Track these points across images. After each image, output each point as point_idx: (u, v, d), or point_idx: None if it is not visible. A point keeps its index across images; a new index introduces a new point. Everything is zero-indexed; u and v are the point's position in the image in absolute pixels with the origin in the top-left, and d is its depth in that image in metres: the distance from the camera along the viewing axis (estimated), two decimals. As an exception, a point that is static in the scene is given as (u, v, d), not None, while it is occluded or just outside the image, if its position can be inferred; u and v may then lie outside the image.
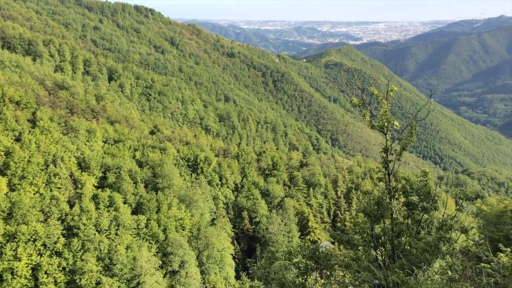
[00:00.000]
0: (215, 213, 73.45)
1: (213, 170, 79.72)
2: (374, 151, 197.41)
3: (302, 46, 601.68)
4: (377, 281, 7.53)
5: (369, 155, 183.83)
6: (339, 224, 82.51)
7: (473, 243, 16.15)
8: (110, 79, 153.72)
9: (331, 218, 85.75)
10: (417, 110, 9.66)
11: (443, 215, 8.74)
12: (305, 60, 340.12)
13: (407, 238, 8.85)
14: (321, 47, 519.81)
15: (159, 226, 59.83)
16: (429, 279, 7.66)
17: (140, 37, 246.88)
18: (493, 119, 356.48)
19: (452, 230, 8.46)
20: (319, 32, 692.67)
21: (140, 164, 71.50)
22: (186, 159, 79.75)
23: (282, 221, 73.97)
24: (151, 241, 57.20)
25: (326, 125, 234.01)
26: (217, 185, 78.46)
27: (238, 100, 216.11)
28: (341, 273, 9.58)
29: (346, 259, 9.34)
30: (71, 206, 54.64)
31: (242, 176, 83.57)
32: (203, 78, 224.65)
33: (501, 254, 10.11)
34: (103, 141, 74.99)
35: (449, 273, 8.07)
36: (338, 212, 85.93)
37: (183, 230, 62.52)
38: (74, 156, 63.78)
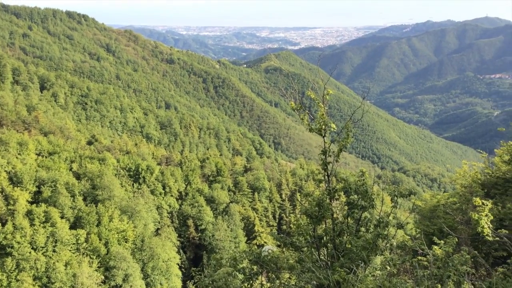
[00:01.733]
0: (159, 222, 71.87)
1: (155, 179, 78.01)
2: (316, 153, 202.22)
3: (242, 51, 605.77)
4: (316, 282, 7.65)
5: (311, 157, 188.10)
6: (284, 227, 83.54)
7: (409, 237, 16.89)
8: (42, 88, 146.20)
9: (277, 221, 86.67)
10: (353, 112, 9.96)
11: (380, 213, 9.05)
12: (245, 65, 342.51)
13: (348, 237, 9.07)
14: (260, 52, 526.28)
15: (100, 239, 57.54)
16: (370, 275, 7.87)
17: (74, 44, 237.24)
18: (424, 118, 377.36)
19: (389, 226, 8.79)
20: (258, 37, 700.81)
21: (78, 176, 68.48)
22: (127, 168, 77.45)
23: (228, 227, 73.77)
24: (92, 256, 54.86)
25: (269, 129, 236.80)
26: (160, 194, 76.84)
27: (180, 106, 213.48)
28: (287, 276, 9.65)
29: (290, 261, 9.42)
30: (3, 224, 51.22)
31: (186, 183, 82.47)
32: (142, 85, 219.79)
33: (435, 247, 10.64)
34: (36, 154, 71.06)
35: (388, 268, 8.36)
36: (283, 215, 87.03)
37: (126, 242, 60.56)
38: (5, 170, 59.93)
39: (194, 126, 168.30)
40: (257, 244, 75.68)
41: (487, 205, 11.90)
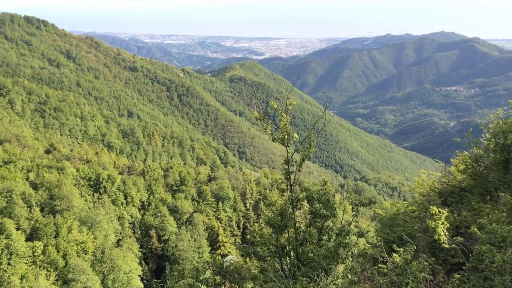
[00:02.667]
0: (120, 233, 70.03)
1: (117, 189, 76.16)
2: (280, 162, 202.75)
3: (206, 60, 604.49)
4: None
5: (275, 167, 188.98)
6: (249, 236, 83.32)
7: (370, 245, 17.18)
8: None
9: (241, 230, 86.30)
10: (315, 122, 10.08)
11: (341, 221, 9.16)
12: (210, 74, 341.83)
13: (310, 246, 9.13)
14: (225, 61, 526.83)
15: (58, 251, 55.46)
16: (332, 284, 7.94)
17: (32, 50, 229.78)
18: (385, 129, 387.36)
19: (350, 235, 8.91)
20: (223, 47, 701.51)
21: (35, 186, 65.95)
22: (87, 178, 75.27)
23: (191, 237, 72.82)
24: (49, 269, 52.73)
25: (233, 138, 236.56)
26: (122, 204, 75.01)
27: (143, 115, 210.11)
28: (250, 286, 9.59)
29: (253, 271, 9.38)
30: (-48, 237, 48.60)
31: (149, 193, 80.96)
32: (103, 93, 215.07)
33: (395, 255, 10.87)
34: (-10, 163, 68.06)
35: (349, 276, 8.46)
36: (247, 224, 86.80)
37: (85, 254, 58.64)
38: (-45, 180, 57.03)
39: (158, 135, 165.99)
40: (221, 254, 74.99)
41: (443, 213, 12.29)
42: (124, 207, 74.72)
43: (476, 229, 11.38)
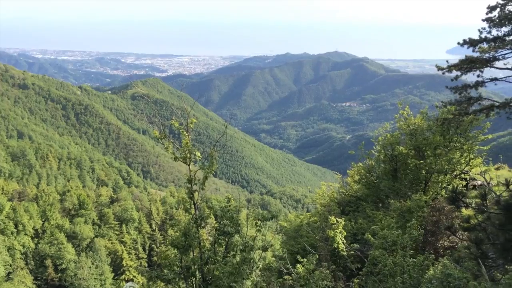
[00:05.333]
0: (10, 266, 63.56)
1: (6, 217, 69.18)
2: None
3: (106, 77, 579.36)
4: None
5: (181, 185, 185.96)
6: (155, 258, 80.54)
7: (275, 258, 17.51)
8: None
9: (147, 253, 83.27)
10: (216, 140, 10.09)
11: (245, 237, 9.22)
12: (110, 92, 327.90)
13: (215, 264, 9.04)
14: (126, 78, 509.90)
15: None
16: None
17: None
18: (288, 143, 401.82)
19: (254, 250, 9.00)
20: (123, 63, 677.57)
21: None
22: (-31, 207, 67.45)
23: (93, 263, 68.55)
24: None
25: (137, 157, 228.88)
26: (12, 233, 68.16)
27: (35, 136, 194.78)
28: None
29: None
30: None
31: (43, 219, 74.72)
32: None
33: (299, 265, 11.19)
34: None
35: (255, 291, 8.53)
36: (153, 245, 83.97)
37: (-32, 293, 52.30)
38: None
39: (53, 157, 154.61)
40: (126, 279, 71.56)
41: (341, 222, 12.99)
42: (15, 237, 68.03)
43: (370, 235, 12.16)
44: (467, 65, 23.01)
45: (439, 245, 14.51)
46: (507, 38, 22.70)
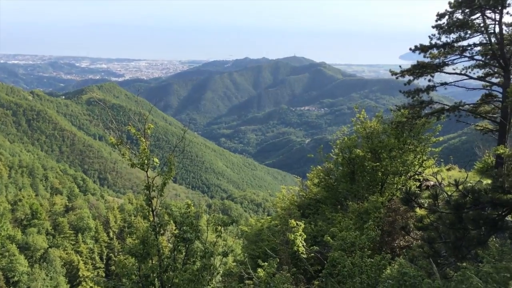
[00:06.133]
0: (-43, 281, 60.20)
1: (-49, 230, 65.56)
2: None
3: (59, 82, 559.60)
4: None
5: (140, 192, 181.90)
6: (113, 267, 78.43)
7: (235, 264, 17.46)
8: None
9: (104, 262, 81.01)
10: (174, 145, 9.98)
11: (205, 243, 9.14)
12: (64, 97, 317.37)
13: (175, 272, 8.91)
14: (81, 83, 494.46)
15: None
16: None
17: None
18: (248, 147, 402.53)
19: (214, 256, 8.93)
20: (78, 68, 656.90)
21: None
22: None
23: (47, 275, 65.97)
24: None
25: (93, 164, 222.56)
26: (-42, 247, 64.69)
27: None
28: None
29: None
30: None
31: (-7, 231, 71.26)
32: None
33: (260, 269, 11.21)
34: None
35: (216, 297, 8.46)
36: (111, 254, 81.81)
37: None
38: None
39: (2, 165, 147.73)
40: (83, 290, 69.28)
41: (300, 225, 13.13)
42: (-38, 250, 64.53)
43: (329, 238, 12.36)
44: (418, 70, 23.97)
45: (395, 244, 14.93)
46: (455, 44, 23.81)
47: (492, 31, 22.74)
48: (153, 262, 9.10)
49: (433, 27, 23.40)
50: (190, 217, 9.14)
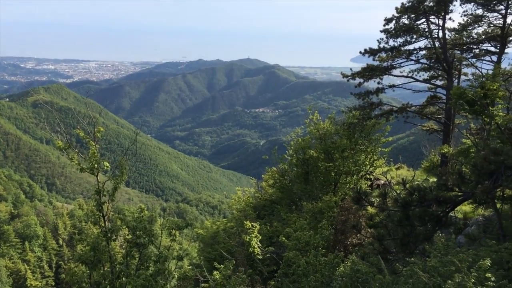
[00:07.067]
0: None
1: None
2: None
3: (3, 84, 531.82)
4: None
5: (91, 197, 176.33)
6: (63, 276, 75.54)
7: (191, 267, 17.32)
8: None
9: (54, 270, 77.90)
10: (126, 148, 9.76)
11: (159, 247, 8.99)
12: (7, 99, 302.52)
13: (128, 278, 8.70)
14: (26, 85, 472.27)
15: None
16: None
17: None
18: (203, 150, 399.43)
19: (169, 260, 8.79)
20: (23, 69, 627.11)
21: None
22: None
23: (-9, 287, 62.66)
24: None
25: (40, 169, 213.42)
26: None
27: None
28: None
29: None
30: None
31: None
32: None
33: (215, 272, 11.15)
34: None
35: (171, 302, 8.33)
36: (61, 262, 78.79)
37: None
38: None
39: None
40: (31, 301, 66.27)
41: (256, 227, 13.19)
42: None
43: (284, 238, 12.49)
44: (368, 73, 24.73)
45: (348, 242, 15.31)
46: (402, 48, 24.80)
47: (436, 35, 23.88)
48: (105, 268, 8.85)
49: (381, 31, 24.24)
50: (144, 222, 8.95)
